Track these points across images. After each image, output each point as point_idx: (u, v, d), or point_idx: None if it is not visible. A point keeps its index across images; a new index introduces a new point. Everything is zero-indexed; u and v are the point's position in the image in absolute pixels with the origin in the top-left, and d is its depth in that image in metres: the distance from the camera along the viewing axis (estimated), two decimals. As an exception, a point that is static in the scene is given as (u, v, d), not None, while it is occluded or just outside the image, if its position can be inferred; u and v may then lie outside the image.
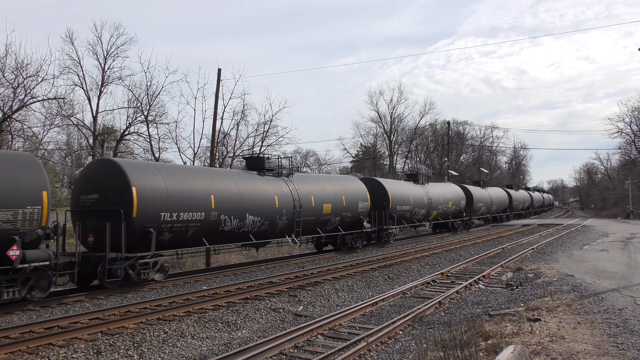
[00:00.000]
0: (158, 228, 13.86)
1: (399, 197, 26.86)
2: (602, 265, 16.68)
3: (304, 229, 19.72)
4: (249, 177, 18.22)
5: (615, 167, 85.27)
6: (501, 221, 47.94)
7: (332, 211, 21.11)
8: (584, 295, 11.37)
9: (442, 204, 32.72)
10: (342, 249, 22.47)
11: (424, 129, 70.91)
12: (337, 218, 21.54)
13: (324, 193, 20.88)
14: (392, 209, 25.80)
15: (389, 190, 25.96)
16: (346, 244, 22.58)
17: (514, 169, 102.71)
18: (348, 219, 22.26)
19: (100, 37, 33.29)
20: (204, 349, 8.62)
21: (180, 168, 17.58)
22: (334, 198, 21.19)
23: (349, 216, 22.21)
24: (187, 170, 16.76)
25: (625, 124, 63.37)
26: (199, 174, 16.30)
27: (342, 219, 21.83)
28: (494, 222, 46.84)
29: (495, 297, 12.33)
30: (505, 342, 7.61)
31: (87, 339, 8.62)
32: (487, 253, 21.28)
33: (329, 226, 21.48)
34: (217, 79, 24.87)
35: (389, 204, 25.47)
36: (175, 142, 39.25)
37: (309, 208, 19.75)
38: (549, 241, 26.63)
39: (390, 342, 8.70)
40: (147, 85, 35.08)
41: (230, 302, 11.59)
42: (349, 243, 22.64)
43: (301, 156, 66.18)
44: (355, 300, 12.75)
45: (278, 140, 40.56)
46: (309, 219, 19.79)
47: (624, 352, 7.11)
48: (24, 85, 27.99)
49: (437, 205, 31.91)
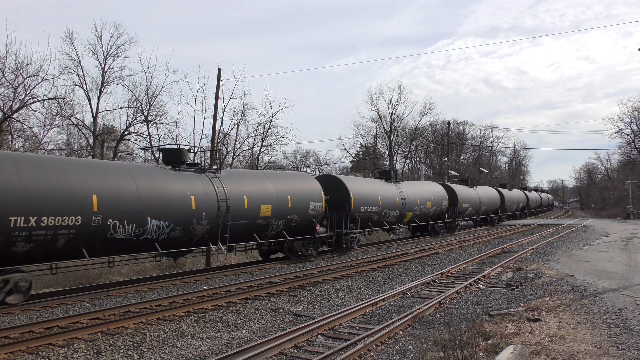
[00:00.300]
0: (7, 237, 10.87)
1: (363, 197, 23.71)
2: (602, 265, 16.69)
3: (235, 235, 16.59)
4: (157, 173, 14.81)
5: (615, 167, 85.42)
6: (492, 223, 44.56)
7: (274, 214, 17.89)
8: (584, 295, 11.37)
9: (420, 204, 29.55)
10: (291, 257, 19.50)
11: (424, 129, 70.98)
12: (280, 222, 18.31)
13: (262, 192, 17.64)
14: (354, 211, 22.70)
15: (351, 190, 22.85)
16: (295, 252, 19.57)
17: (514, 169, 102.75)
18: (296, 223, 19.13)
19: (100, 37, 33.32)
20: (204, 349, 8.62)
21: (50, 160, 13.35)
22: (275, 198, 18.03)
23: (296, 219, 19.05)
24: (59, 163, 12.94)
25: (625, 124, 63.55)
26: (78, 168, 12.88)
27: (287, 222, 18.66)
28: (484, 223, 43.96)
29: (495, 297, 12.33)
30: (505, 342, 7.61)
31: (87, 339, 8.62)
32: (487, 253, 21.28)
33: (271, 231, 18.19)
34: (217, 79, 24.86)
35: (350, 205, 22.38)
36: (175, 142, 39.23)
37: (240, 210, 16.52)
38: (549, 241, 26.63)
39: (390, 342, 8.70)
40: (147, 85, 35.16)
41: (230, 302, 11.59)
42: (299, 250, 19.68)
43: (301, 156, 66.10)
44: (355, 300, 12.75)
45: (278, 140, 40.65)
46: (240, 223, 16.62)
47: (624, 352, 7.11)
48: (24, 85, 28.01)
49: (413, 206, 28.75)
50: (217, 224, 15.80)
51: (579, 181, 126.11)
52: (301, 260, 19.46)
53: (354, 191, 22.98)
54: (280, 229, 18.62)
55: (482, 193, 41.99)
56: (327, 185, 22.29)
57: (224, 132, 38.26)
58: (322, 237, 20.85)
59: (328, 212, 21.21)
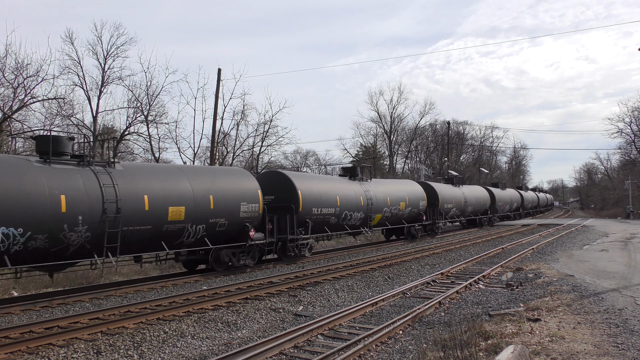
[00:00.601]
0: None
1: (316, 196, 20.51)
2: (602, 265, 16.69)
3: (135, 243, 13.68)
4: (11, 166, 11.63)
5: (615, 167, 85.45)
6: (481, 225, 40.89)
7: (189, 217, 14.74)
8: (584, 295, 11.38)
9: (391, 205, 26.13)
10: (218, 269, 16.20)
11: (424, 129, 70.98)
12: (199, 227, 15.18)
13: (172, 191, 14.47)
14: (304, 213, 19.64)
15: (300, 188, 19.61)
16: (222, 263, 16.29)
17: (514, 169, 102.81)
18: (222, 228, 16.02)
19: (100, 37, 33.34)
20: (204, 349, 8.62)
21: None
22: (192, 198, 14.91)
23: (222, 224, 15.96)
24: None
25: (625, 124, 63.60)
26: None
27: (210, 227, 15.57)
28: (472, 225, 40.73)
29: (495, 297, 12.33)
30: (505, 342, 7.61)
31: (87, 339, 8.62)
32: (487, 253, 21.29)
33: (187, 238, 15.03)
34: (217, 79, 24.92)
35: (298, 206, 19.27)
36: (175, 142, 39.31)
37: (138, 213, 13.50)
38: (549, 241, 26.64)
39: (390, 342, 8.70)
40: (147, 85, 35.16)
41: (230, 302, 11.59)
42: (228, 261, 16.41)
43: (301, 156, 66.13)
44: (355, 300, 12.75)
45: (278, 140, 40.70)
46: (140, 229, 13.58)
47: (624, 352, 7.11)
48: (24, 85, 28.02)
49: (382, 208, 25.30)
50: (103, 231, 12.70)
51: (579, 181, 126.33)
52: (233, 272, 16.47)
53: (303, 190, 19.77)
54: (200, 236, 15.40)
55: (469, 193, 38.67)
56: (270, 183, 19.70)
57: (224, 132, 38.34)
58: (260, 245, 17.49)
59: (270, 214, 18.25)
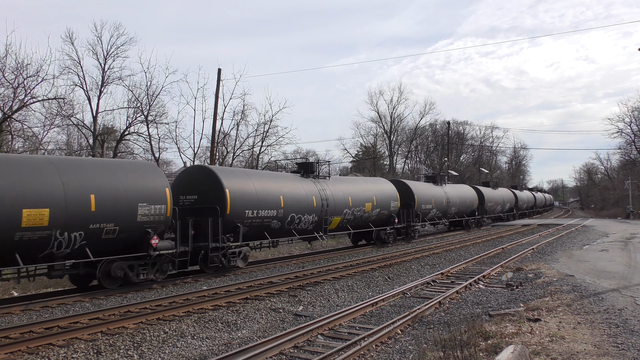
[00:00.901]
0: None
1: (251, 196, 16.98)
2: (602, 265, 16.69)
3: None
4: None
5: (615, 167, 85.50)
6: (468, 227, 37.56)
7: (56, 222, 11.63)
8: (584, 295, 11.38)
9: (353, 206, 22.59)
10: (109, 287, 13.04)
11: (424, 129, 71.05)
12: (74, 235, 12.02)
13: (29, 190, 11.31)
14: (233, 216, 16.24)
15: (229, 187, 16.27)
16: (115, 279, 13.08)
17: (514, 169, 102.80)
18: (111, 236, 12.77)
19: (100, 37, 33.41)
20: (204, 349, 8.62)
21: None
22: (62, 199, 11.76)
23: (111, 230, 12.72)
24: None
25: (625, 124, 63.65)
26: None
27: (92, 235, 12.39)
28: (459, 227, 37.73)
29: (495, 297, 12.33)
30: (505, 342, 7.61)
31: (87, 339, 8.62)
32: (487, 253, 21.28)
33: (58, 249, 11.88)
34: (217, 79, 24.92)
35: (225, 208, 15.98)
36: (175, 142, 39.45)
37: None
38: (549, 241, 26.63)
39: (390, 342, 8.70)
40: (147, 85, 35.23)
41: (230, 302, 11.59)
42: (122, 275, 13.15)
43: (301, 156, 66.12)
44: (355, 300, 12.75)
45: (278, 140, 40.76)
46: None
47: (624, 352, 7.11)
48: (24, 85, 28.08)
49: (342, 209, 21.89)
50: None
51: (579, 181, 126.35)
52: (133, 289, 13.44)
53: (232, 189, 16.38)
54: (78, 246, 12.27)
55: (453, 192, 35.08)
56: (193, 180, 16.70)
57: (224, 132, 38.37)
58: (168, 255, 14.19)
59: (191, 217, 15.27)
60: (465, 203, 36.64)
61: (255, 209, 17.17)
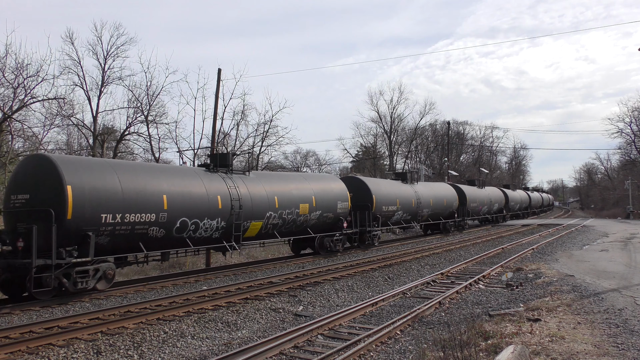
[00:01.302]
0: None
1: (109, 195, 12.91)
2: (602, 266, 16.68)
3: None
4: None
5: (615, 167, 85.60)
6: (446, 231, 33.72)
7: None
8: (584, 295, 11.37)
9: (282, 208, 18.29)
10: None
11: (424, 129, 71.01)
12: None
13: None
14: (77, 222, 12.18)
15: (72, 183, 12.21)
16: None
17: (514, 169, 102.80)
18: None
19: (100, 37, 33.40)
20: (204, 349, 8.62)
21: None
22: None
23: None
24: None
25: (625, 124, 63.72)
26: None
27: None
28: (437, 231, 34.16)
29: (495, 297, 12.33)
30: (505, 342, 7.61)
31: (87, 339, 8.62)
32: (487, 253, 21.28)
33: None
34: (217, 79, 24.89)
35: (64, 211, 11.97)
36: (175, 142, 39.33)
37: None
38: (549, 241, 26.63)
39: (390, 342, 8.70)
40: (147, 85, 35.22)
41: (230, 302, 11.59)
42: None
43: (301, 156, 66.14)
44: (355, 300, 12.75)
45: (278, 140, 40.71)
46: None
47: (624, 352, 7.11)
48: (24, 85, 28.05)
49: (264, 212, 17.69)
50: None
51: (579, 181, 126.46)
52: None
53: (79, 185, 12.37)
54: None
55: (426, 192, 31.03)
56: (26, 174, 12.74)
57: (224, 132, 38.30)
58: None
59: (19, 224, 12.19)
60: (441, 204, 32.37)
61: (120, 212, 13.08)
